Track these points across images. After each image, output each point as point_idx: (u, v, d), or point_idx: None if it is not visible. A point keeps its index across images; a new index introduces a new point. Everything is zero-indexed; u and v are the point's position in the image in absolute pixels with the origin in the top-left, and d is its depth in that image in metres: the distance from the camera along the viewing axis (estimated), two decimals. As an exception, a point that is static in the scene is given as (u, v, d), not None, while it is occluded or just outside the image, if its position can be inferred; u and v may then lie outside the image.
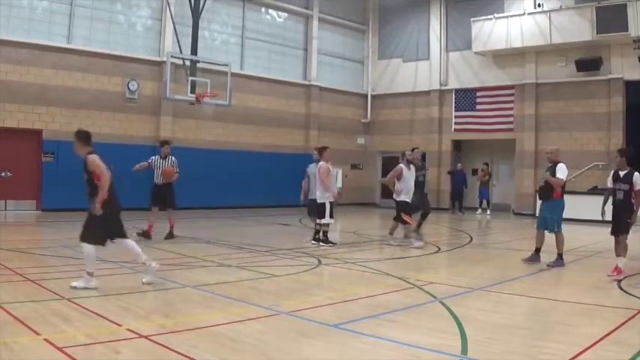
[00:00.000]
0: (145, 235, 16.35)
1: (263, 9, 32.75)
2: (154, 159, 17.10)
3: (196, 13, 27.13)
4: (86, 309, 8.23)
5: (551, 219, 13.36)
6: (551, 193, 13.42)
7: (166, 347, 6.60)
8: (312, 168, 17.11)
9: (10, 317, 7.64)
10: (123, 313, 8.14)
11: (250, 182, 29.69)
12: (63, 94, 24.92)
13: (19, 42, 23.86)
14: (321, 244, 16.30)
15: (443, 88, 34.29)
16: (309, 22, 34.38)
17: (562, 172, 13.33)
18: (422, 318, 8.47)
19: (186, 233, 17.96)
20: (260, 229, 21.54)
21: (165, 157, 17.05)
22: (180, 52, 26.66)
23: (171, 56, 26.13)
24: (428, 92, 34.77)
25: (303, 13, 34.21)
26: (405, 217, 16.62)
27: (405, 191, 16.74)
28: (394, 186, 16.97)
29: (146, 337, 6.95)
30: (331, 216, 16.37)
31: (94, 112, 25.61)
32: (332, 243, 16.41)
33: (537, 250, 13.71)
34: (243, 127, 30.58)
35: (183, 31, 26.94)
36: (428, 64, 34.92)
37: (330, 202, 16.35)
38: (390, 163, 36.44)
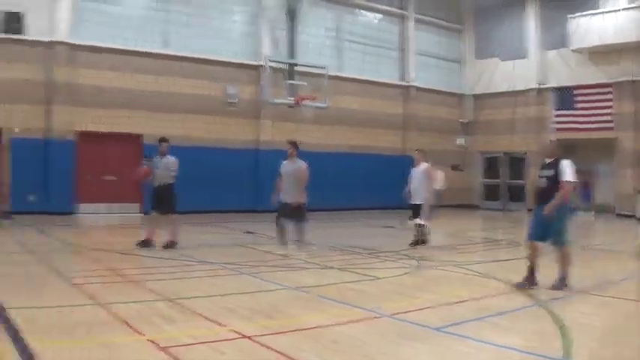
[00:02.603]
0: (146, 244, 14.57)
1: (358, 11, 32.02)
2: (155, 159, 15.41)
3: (292, 17, 27.18)
4: (190, 309, 8.21)
5: (564, 228, 10.39)
6: (554, 195, 10.21)
7: (269, 348, 6.47)
8: (285, 166, 14.77)
9: (114, 318, 7.65)
10: (226, 314, 8.05)
11: (349, 184, 28.80)
12: (162, 100, 24.97)
13: (117, 49, 24.11)
14: (417, 246, 15.70)
15: (541, 86, 32.83)
16: (405, 22, 33.35)
17: (571, 172, 10.26)
18: (524, 321, 8.19)
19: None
20: (360, 231, 21.01)
21: (164, 155, 15.17)
22: (278, 55, 26.78)
23: (269, 60, 26.22)
24: (526, 91, 33.39)
25: (398, 14, 33.23)
26: None
27: None
28: None
29: (249, 337, 6.85)
30: (429, 218, 15.88)
31: (194, 116, 25.65)
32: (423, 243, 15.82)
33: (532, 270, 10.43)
34: (340, 129, 29.77)
35: (280, 35, 27.07)
36: (525, 63, 33.45)
37: (431, 205, 15.97)
38: (492, 164, 36.15)
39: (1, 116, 22.08)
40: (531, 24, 33.24)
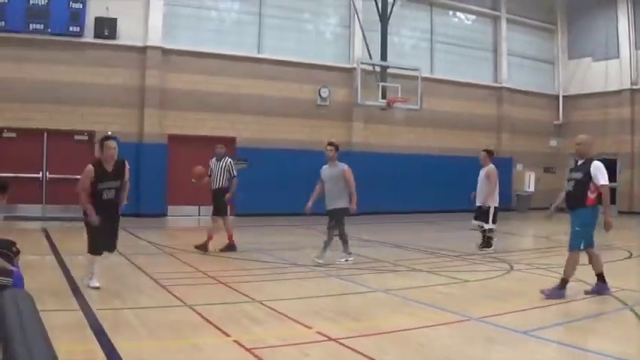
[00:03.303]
0: (203, 247, 14.35)
1: (450, 12, 31.20)
2: (212, 162, 15.22)
3: (384, 19, 26.69)
4: (277, 311, 8.16)
5: (577, 233, 9.94)
6: (583, 200, 9.77)
7: (355, 350, 6.41)
8: (327, 170, 13.86)
9: (202, 319, 7.71)
10: (313, 316, 8.01)
11: (440, 186, 27.67)
12: (254, 103, 24.81)
13: (209, 53, 24.21)
14: (487, 249, 15.34)
15: (634, 87, 31.21)
16: (498, 23, 32.26)
17: (602, 175, 9.63)
18: (612, 326, 7.93)
19: (378, 238, 17.93)
20: (451, 234, 20.87)
21: (220, 158, 15.05)
22: (370, 58, 26.25)
23: (361, 62, 25.98)
24: (619, 92, 31.82)
25: (490, 15, 32.17)
26: None
27: None
28: None
29: (335, 339, 6.80)
30: (494, 221, 15.56)
31: (286, 119, 25.43)
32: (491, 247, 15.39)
33: (601, 277, 9.94)
34: (432, 131, 28.88)
35: (371, 38, 26.34)
36: (618, 63, 31.84)
37: (495, 207, 15.72)
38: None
39: (94, 120, 22.31)
40: (624, 23, 32.19)
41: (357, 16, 26.57)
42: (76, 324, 7.20)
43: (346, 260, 13.00)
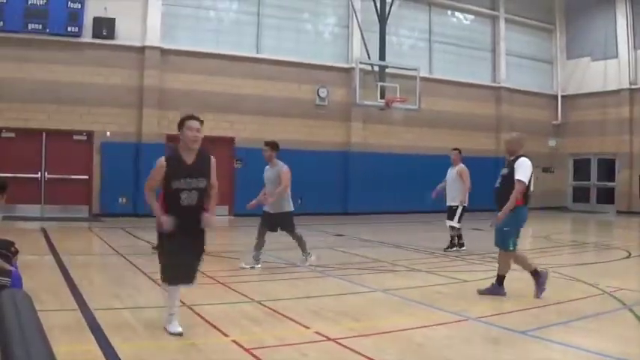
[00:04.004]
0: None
1: (449, 12, 31.23)
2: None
3: (383, 18, 26.61)
4: (275, 311, 8.16)
5: (507, 232, 9.52)
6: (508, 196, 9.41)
7: (354, 351, 6.42)
8: (268, 171, 12.91)
9: (200, 319, 7.72)
10: (312, 316, 8.00)
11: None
12: (253, 103, 24.85)
13: (208, 53, 24.22)
14: (452, 249, 15.35)
15: (633, 87, 31.26)
16: (496, 23, 32.25)
17: (523, 171, 9.42)
18: (611, 326, 7.87)
19: (377, 238, 17.93)
20: (447, 234, 21.12)
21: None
22: (369, 58, 26.22)
23: (360, 62, 25.95)
24: (617, 92, 31.88)
25: (489, 15, 32.19)
26: None
27: None
28: None
29: (334, 340, 6.81)
30: (459, 220, 15.49)
31: (284, 119, 25.43)
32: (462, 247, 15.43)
33: (500, 279, 9.74)
34: (431, 131, 28.86)
35: (370, 38, 26.20)
36: (616, 63, 31.95)
37: (464, 207, 15.63)
38: (581, 166, 35.34)
39: (92, 120, 22.36)
40: (622, 23, 32.16)
41: (356, 16, 26.55)
42: (75, 324, 7.17)
43: (307, 258, 12.53)
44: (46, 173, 21.92)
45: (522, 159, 9.54)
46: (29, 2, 21.15)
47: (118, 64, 22.79)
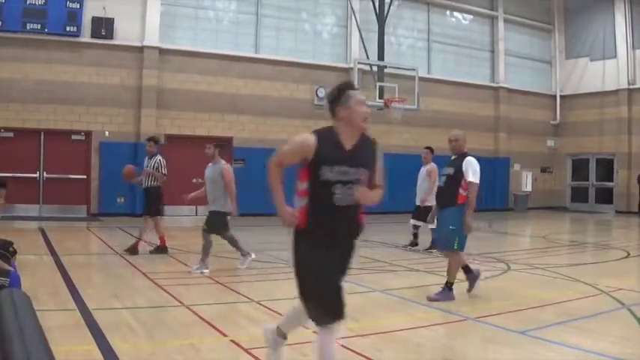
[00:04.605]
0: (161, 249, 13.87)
1: (448, 12, 31.22)
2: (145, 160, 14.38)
3: (381, 19, 26.57)
4: (274, 311, 8.06)
5: (452, 232, 9.18)
6: (455, 197, 9.19)
7: (353, 351, 6.41)
8: (209, 170, 12.34)
9: (199, 319, 7.69)
10: (311, 316, 8.09)
11: (440, 186, 28.33)
12: (252, 103, 24.88)
13: (206, 53, 24.23)
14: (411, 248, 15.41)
15: (631, 87, 31.31)
16: (495, 23, 32.26)
17: (473, 171, 9.21)
18: (610, 326, 7.88)
19: (376, 238, 17.90)
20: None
21: (151, 156, 14.09)
22: (367, 58, 26.15)
23: (359, 62, 25.94)
24: (616, 92, 31.92)
25: (488, 15, 32.21)
26: None
27: None
28: None
29: (333, 340, 6.86)
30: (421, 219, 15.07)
31: (283, 119, 25.44)
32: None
33: (449, 284, 9.40)
34: (430, 131, 28.98)
35: (369, 38, 26.19)
36: (615, 63, 31.96)
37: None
38: (580, 166, 35.36)
39: (91, 120, 22.37)
40: (621, 23, 32.17)
41: (355, 16, 26.56)
42: (74, 324, 7.16)
43: (244, 261, 11.92)
44: (44, 173, 21.92)
45: (469, 158, 9.33)
46: (28, 2, 21.15)
47: (117, 64, 22.79)
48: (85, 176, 22.31)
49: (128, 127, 22.94)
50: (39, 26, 21.31)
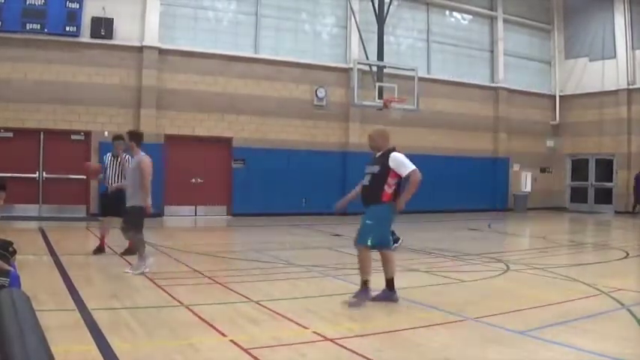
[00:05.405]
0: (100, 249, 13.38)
1: (447, 12, 31.18)
2: (107, 157, 14.13)
3: (381, 19, 26.48)
4: (273, 311, 8.16)
5: (368, 227, 9.05)
6: (379, 195, 8.98)
7: (352, 351, 6.42)
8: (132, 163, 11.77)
9: (198, 319, 7.71)
10: (310, 316, 8.00)
11: (437, 187, 28.00)
12: (251, 103, 24.84)
13: (206, 53, 24.19)
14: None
15: (631, 87, 31.24)
16: (494, 23, 32.20)
17: (404, 164, 8.94)
18: (609, 326, 7.91)
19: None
20: (447, 234, 20.88)
21: (117, 155, 13.72)
22: (367, 58, 26.00)
23: (358, 63, 25.87)
24: (615, 92, 31.83)
25: (487, 15, 32.15)
26: None
27: None
28: None
29: (332, 340, 6.82)
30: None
31: (283, 119, 25.48)
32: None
33: (390, 283, 9.23)
34: (429, 132, 28.84)
35: (368, 38, 26.08)
36: (614, 63, 31.90)
37: None
38: (579, 166, 35.34)
39: (90, 120, 22.35)
40: (620, 23, 32.13)
41: (354, 17, 26.54)
42: (73, 324, 7.16)
43: (138, 267, 11.08)
44: (43, 173, 21.91)
45: (395, 154, 9.07)
46: (27, 2, 21.13)
47: (116, 64, 22.76)
48: (84, 176, 22.29)
49: (128, 127, 22.64)
50: (38, 26, 21.30)
